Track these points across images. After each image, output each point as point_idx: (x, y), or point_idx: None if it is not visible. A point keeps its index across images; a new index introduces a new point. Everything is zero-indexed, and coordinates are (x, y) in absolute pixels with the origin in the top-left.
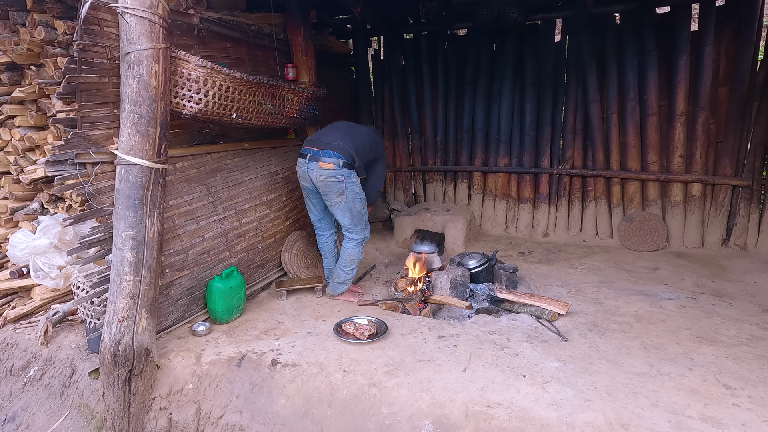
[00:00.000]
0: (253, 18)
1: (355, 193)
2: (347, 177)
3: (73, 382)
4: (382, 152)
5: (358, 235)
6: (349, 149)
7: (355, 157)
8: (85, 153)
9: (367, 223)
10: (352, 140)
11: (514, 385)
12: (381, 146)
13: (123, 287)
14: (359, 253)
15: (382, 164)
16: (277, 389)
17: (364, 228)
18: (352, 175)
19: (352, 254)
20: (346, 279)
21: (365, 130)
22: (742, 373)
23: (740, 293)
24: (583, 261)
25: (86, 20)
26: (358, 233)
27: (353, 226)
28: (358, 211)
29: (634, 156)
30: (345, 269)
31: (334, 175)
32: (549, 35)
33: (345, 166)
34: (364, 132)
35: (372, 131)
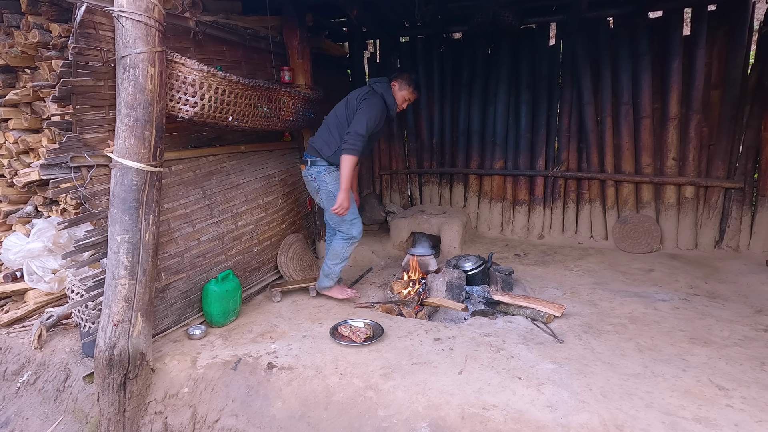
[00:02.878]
0: (249, 21)
1: (328, 191)
2: (317, 175)
3: (68, 387)
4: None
5: (345, 233)
6: (313, 142)
7: (320, 147)
8: (80, 156)
9: (352, 222)
10: (322, 128)
11: (510, 387)
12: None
13: (118, 291)
14: (343, 250)
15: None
16: (274, 392)
17: (349, 227)
18: (323, 172)
19: (336, 248)
20: (329, 272)
21: (344, 99)
22: (735, 374)
23: (733, 294)
24: (578, 263)
25: (82, 24)
26: (344, 231)
27: (336, 225)
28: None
29: (628, 158)
30: (328, 262)
31: (307, 176)
32: (544, 39)
33: (313, 164)
34: (341, 104)
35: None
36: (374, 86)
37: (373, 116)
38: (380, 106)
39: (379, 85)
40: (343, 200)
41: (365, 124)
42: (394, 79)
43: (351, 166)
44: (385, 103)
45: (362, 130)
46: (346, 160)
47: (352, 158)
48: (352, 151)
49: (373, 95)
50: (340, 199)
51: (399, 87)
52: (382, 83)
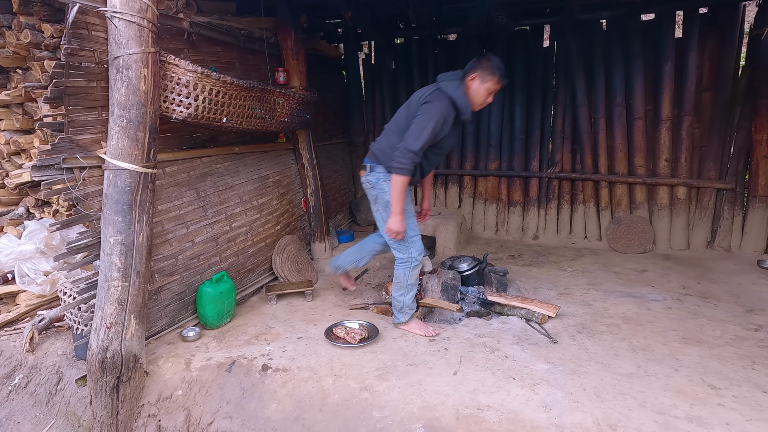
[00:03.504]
0: (243, 22)
1: (386, 201)
2: (375, 182)
3: (60, 390)
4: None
5: (401, 254)
6: (373, 147)
7: (379, 153)
8: (72, 157)
9: (411, 240)
10: (383, 134)
11: (505, 388)
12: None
13: (111, 293)
14: (406, 277)
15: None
16: (268, 394)
17: (408, 246)
18: (382, 180)
19: (397, 276)
20: (400, 306)
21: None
22: (727, 373)
23: (725, 294)
24: (573, 263)
25: (74, 24)
26: (401, 251)
27: (392, 243)
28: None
29: (622, 160)
30: (395, 294)
31: (365, 182)
32: (538, 40)
33: (372, 170)
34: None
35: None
36: (442, 85)
37: (432, 127)
38: (443, 111)
39: (448, 84)
40: (393, 224)
41: (420, 138)
42: (472, 70)
43: (401, 188)
44: (455, 105)
45: (415, 146)
46: (395, 181)
47: (401, 179)
48: (401, 171)
49: (438, 97)
50: (390, 222)
51: (481, 79)
52: (452, 81)
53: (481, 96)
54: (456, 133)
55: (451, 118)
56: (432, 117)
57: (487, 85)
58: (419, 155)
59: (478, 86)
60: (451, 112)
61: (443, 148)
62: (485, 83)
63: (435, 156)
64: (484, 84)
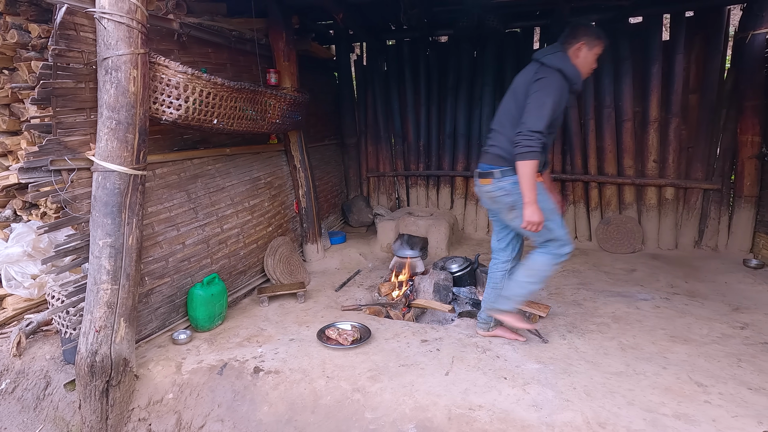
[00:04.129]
0: (234, 23)
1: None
2: (512, 189)
3: (48, 395)
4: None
5: (553, 250)
6: (493, 150)
7: (504, 152)
8: (60, 159)
9: (558, 236)
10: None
11: (496, 388)
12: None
13: (100, 296)
14: (545, 269)
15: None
16: (260, 397)
17: (559, 245)
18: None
19: (536, 263)
20: (516, 294)
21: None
22: (714, 371)
23: (712, 293)
24: (563, 263)
25: (62, 25)
26: (551, 249)
27: (540, 243)
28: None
29: (611, 161)
30: (520, 278)
31: (495, 191)
32: (528, 43)
33: (504, 174)
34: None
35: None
36: (545, 60)
37: (551, 101)
38: (558, 84)
39: (552, 58)
40: (531, 215)
41: (542, 116)
42: (573, 40)
43: (531, 174)
44: (566, 76)
45: (538, 125)
46: (523, 168)
47: (529, 165)
48: (528, 155)
49: (548, 72)
50: (527, 214)
51: (588, 46)
52: (555, 54)
53: (590, 63)
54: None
55: (566, 90)
56: (549, 91)
57: (595, 51)
58: (545, 134)
59: (586, 54)
60: (564, 84)
61: (554, 127)
62: (593, 49)
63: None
64: (592, 50)
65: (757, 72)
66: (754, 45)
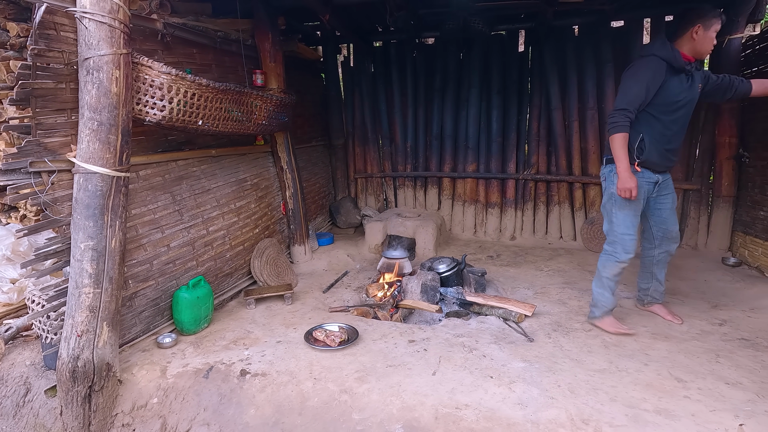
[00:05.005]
0: (219, 24)
1: (610, 193)
2: (607, 174)
3: (28, 401)
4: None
5: (607, 245)
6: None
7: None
8: (40, 161)
9: (618, 234)
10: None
11: (482, 386)
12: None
13: (82, 300)
14: (603, 267)
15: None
16: (247, 400)
17: (613, 241)
18: (613, 171)
19: (598, 266)
20: (595, 301)
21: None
22: (693, 367)
23: (692, 291)
24: (549, 263)
25: (41, 24)
26: (608, 242)
27: (606, 231)
28: (607, 215)
29: (594, 162)
30: (593, 286)
31: (601, 176)
32: (513, 45)
33: (607, 163)
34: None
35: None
36: (643, 50)
37: (634, 84)
38: (643, 68)
39: (648, 47)
40: (622, 182)
41: (625, 96)
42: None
43: (618, 145)
44: (659, 57)
45: (620, 104)
46: (611, 142)
47: (615, 137)
48: (613, 130)
49: (636, 62)
50: (620, 182)
51: (705, 27)
52: (654, 42)
53: (710, 41)
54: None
55: (661, 70)
56: (632, 76)
57: (714, 28)
58: (629, 112)
59: (703, 34)
60: (656, 66)
61: (672, 104)
62: (710, 28)
63: (669, 117)
64: (709, 29)
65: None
66: (731, 49)
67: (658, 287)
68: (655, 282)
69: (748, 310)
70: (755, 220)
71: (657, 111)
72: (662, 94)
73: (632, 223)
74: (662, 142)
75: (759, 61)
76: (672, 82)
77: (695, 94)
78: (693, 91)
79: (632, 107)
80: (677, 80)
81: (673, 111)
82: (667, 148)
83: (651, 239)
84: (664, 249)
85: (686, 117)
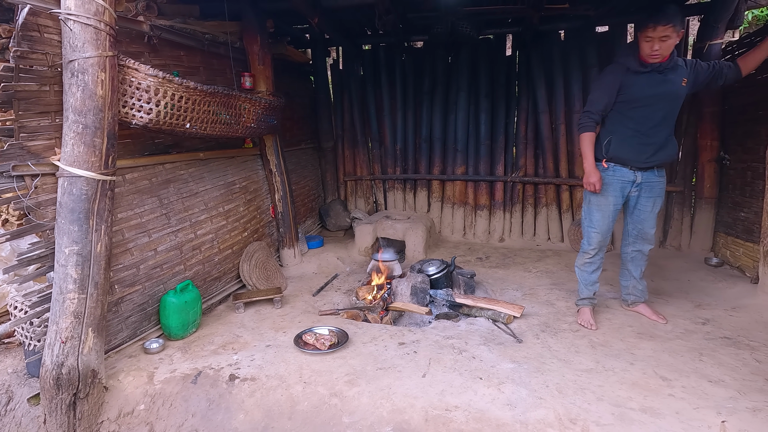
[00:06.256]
0: (207, 26)
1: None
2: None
3: (10, 410)
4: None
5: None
6: None
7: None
8: (23, 165)
9: (584, 226)
10: None
11: (472, 388)
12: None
13: (66, 306)
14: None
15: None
16: (236, 405)
17: (584, 240)
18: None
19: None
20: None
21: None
22: (677, 365)
23: (676, 291)
24: (537, 264)
25: (25, 26)
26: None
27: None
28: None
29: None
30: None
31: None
32: (501, 49)
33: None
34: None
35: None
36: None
37: (594, 88)
38: (605, 73)
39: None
40: (589, 174)
41: (589, 101)
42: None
43: (583, 144)
44: (619, 63)
45: (585, 107)
46: (579, 141)
47: (581, 136)
48: (579, 131)
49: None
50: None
51: (640, 33)
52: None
53: (646, 46)
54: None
55: (617, 72)
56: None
57: (645, 34)
58: (591, 113)
59: (641, 39)
60: (615, 70)
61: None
62: (643, 33)
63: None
64: (642, 35)
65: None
66: (711, 54)
67: (636, 285)
68: (633, 279)
69: (730, 309)
70: (736, 221)
71: (624, 108)
72: (626, 93)
73: (599, 219)
74: (637, 137)
75: None
76: (637, 82)
77: (673, 88)
78: (668, 86)
79: (593, 108)
80: (644, 79)
81: (642, 107)
82: (646, 142)
83: (626, 236)
84: (637, 248)
85: (664, 111)
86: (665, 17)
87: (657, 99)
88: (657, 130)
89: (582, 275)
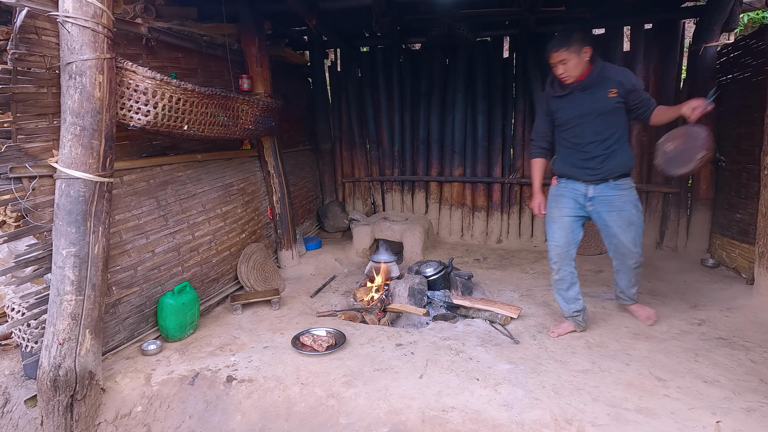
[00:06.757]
0: (205, 28)
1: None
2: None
3: (7, 412)
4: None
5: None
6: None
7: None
8: (21, 167)
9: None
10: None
11: (468, 389)
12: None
13: (64, 307)
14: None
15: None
16: (233, 406)
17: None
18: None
19: None
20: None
21: None
22: (672, 366)
23: (672, 292)
24: (534, 266)
25: (22, 28)
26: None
27: None
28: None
29: None
30: None
31: None
32: (498, 51)
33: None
34: None
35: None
36: None
37: (536, 116)
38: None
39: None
40: (532, 198)
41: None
42: None
43: (532, 170)
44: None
45: (531, 135)
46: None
47: (532, 161)
48: (530, 156)
49: None
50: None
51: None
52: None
53: (553, 72)
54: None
55: (544, 100)
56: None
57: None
58: (534, 141)
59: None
60: (542, 97)
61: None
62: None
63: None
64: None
65: (709, 82)
66: (707, 57)
67: (622, 291)
68: (618, 287)
69: (726, 310)
70: (732, 222)
71: (559, 130)
72: (556, 116)
73: (556, 231)
74: (577, 153)
75: (734, 69)
76: (562, 105)
77: (598, 104)
78: (592, 102)
79: (535, 136)
80: (567, 101)
81: (573, 127)
82: (587, 157)
83: (608, 251)
84: (620, 261)
85: (595, 126)
86: (554, 44)
87: (583, 117)
88: (595, 145)
89: (557, 294)
